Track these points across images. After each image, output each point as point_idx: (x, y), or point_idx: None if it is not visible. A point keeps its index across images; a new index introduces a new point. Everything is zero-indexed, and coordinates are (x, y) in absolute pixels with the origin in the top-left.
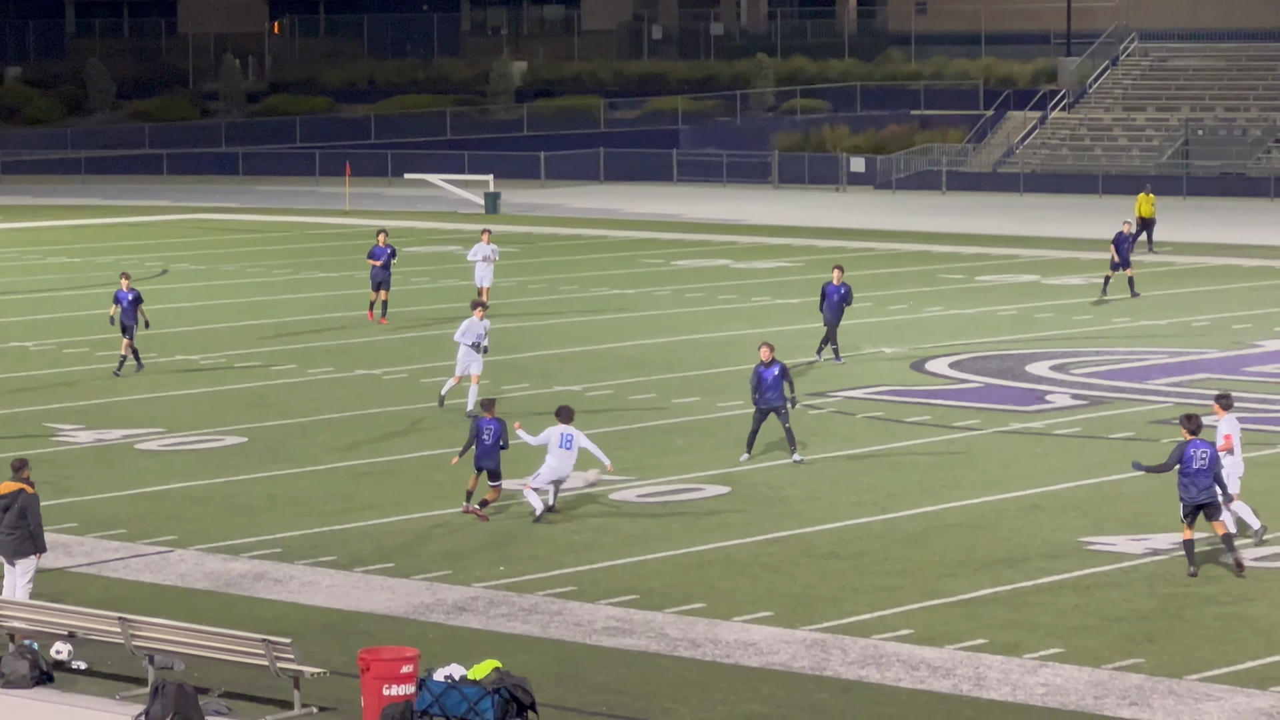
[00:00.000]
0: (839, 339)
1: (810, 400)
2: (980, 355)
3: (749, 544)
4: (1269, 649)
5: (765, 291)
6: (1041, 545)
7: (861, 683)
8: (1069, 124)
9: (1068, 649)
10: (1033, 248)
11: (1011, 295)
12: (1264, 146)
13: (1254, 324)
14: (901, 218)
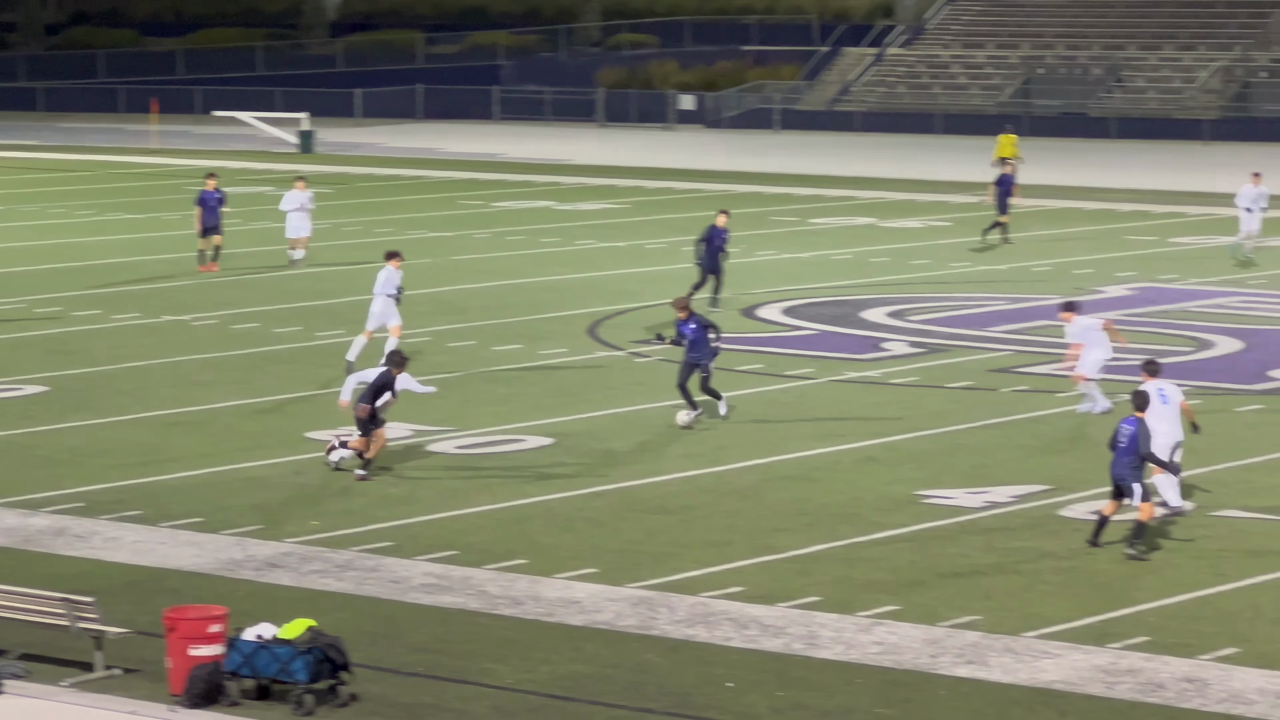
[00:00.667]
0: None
1: (637, 348)
2: (814, 301)
3: (573, 498)
4: (1108, 605)
5: (590, 234)
6: (877, 499)
7: (689, 642)
8: (906, 61)
9: (903, 606)
10: (869, 189)
11: (847, 238)
12: (1105, 86)
13: (1095, 269)
14: (732, 158)
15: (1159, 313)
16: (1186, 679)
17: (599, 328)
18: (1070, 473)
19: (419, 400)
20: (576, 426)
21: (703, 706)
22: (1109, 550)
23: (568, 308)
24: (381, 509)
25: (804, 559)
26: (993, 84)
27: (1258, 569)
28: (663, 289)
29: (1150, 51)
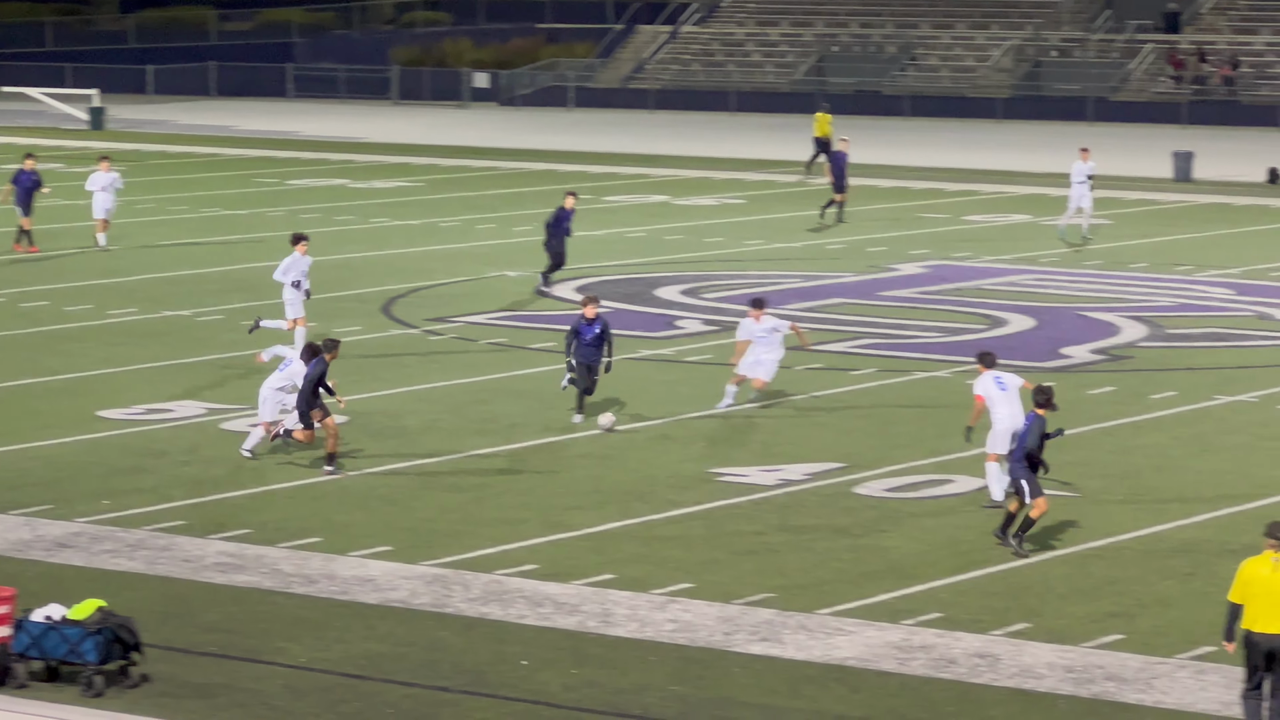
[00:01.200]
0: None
1: (431, 325)
2: (608, 279)
3: (367, 476)
4: (901, 582)
5: (385, 213)
6: (671, 476)
7: (484, 620)
8: (701, 39)
9: (697, 584)
10: (663, 167)
11: (641, 216)
12: (899, 64)
13: (889, 247)
14: (527, 136)
15: (953, 290)
16: (978, 654)
17: (393, 306)
18: (863, 450)
19: (214, 375)
20: (371, 405)
21: (497, 684)
22: (901, 528)
23: (362, 285)
24: (174, 488)
25: (598, 536)
26: (787, 62)
27: (1047, 543)
28: (457, 267)
29: (943, 30)
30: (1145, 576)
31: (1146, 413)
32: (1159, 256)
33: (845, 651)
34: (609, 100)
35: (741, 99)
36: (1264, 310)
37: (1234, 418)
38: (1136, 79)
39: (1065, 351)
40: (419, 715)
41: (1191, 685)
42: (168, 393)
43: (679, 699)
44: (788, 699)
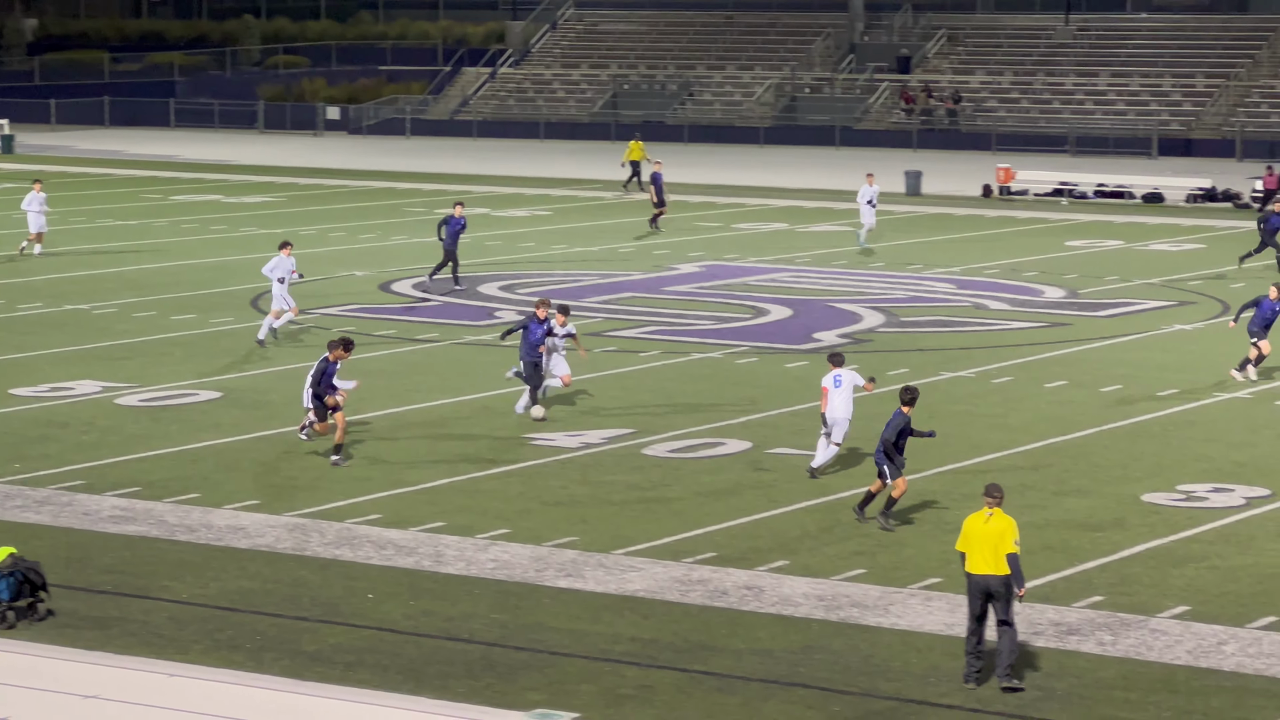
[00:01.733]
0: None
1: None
2: (439, 278)
3: (239, 441)
4: (683, 527)
5: (253, 223)
6: (492, 441)
7: (337, 560)
8: (515, 79)
9: (514, 529)
10: (484, 184)
11: (467, 224)
12: (679, 99)
13: (671, 250)
14: (371, 159)
15: (723, 286)
16: (746, 586)
17: (260, 300)
18: (650, 419)
19: (108, 359)
20: (242, 383)
21: (348, 614)
22: (682, 482)
23: (234, 284)
24: (75, 454)
25: (431, 491)
26: (586, 98)
27: (804, 495)
28: (314, 267)
29: (716, 71)
30: None
31: (885, 387)
32: (894, 257)
33: (636, 585)
34: (439, 130)
35: (549, 128)
36: (980, 301)
37: (956, 390)
38: (875, 111)
39: (817, 336)
40: (283, 640)
41: (921, 610)
42: (69, 374)
43: (499, 625)
44: (589, 624)
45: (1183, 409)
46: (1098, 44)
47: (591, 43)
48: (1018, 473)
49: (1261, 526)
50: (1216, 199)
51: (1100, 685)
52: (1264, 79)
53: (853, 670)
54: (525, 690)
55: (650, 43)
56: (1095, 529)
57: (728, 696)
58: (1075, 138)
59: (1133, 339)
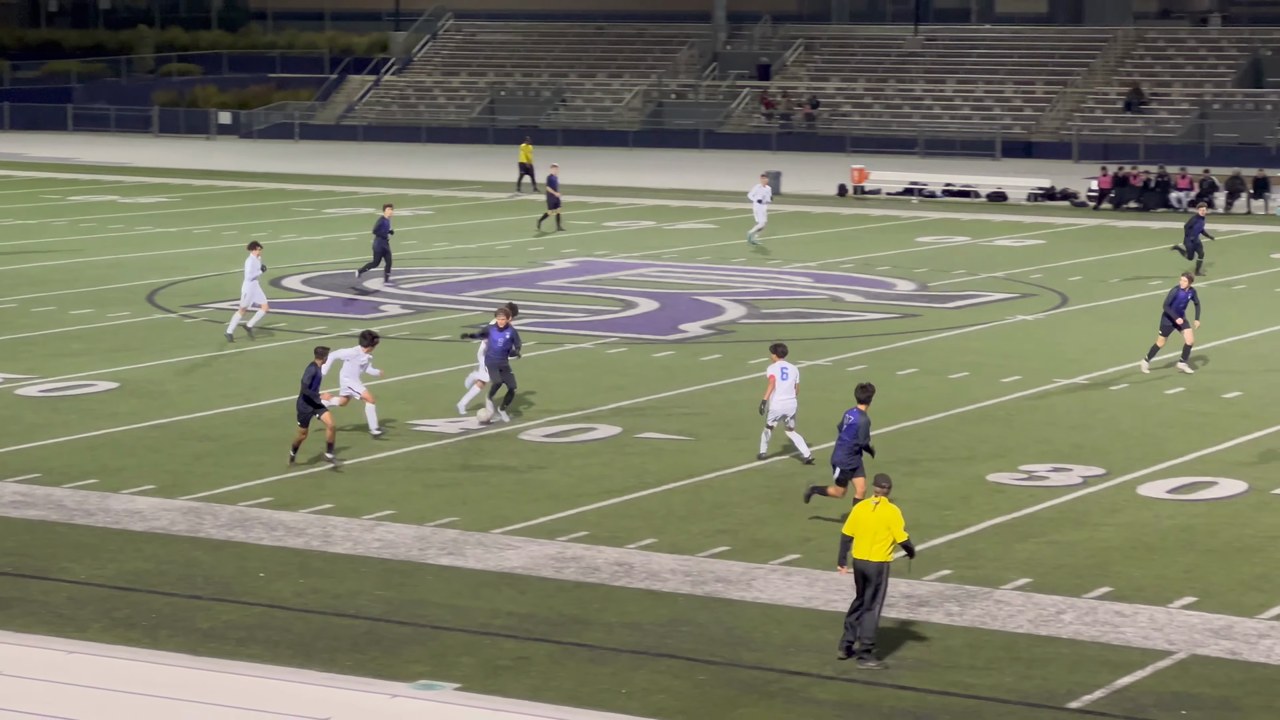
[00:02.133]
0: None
1: (187, 310)
2: (327, 274)
3: (135, 430)
4: (557, 507)
5: (148, 222)
6: (377, 427)
7: (230, 541)
8: (399, 85)
9: (398, 510)
10: (369, 186)
11: (352, 224)
12: (553, 105)
13: (546, 247)
14: (261, 161)
15: (594, 281)
16: (617, 563)
17: (156, 295)
18: (526, 406)
19: (8, 351)
20: (138, 374)
21: (240, 592)
22: (557, 465)
23: (130, 280)
24: None
25: (320, 475)
26: (465, 104)
27: (670, 477)
28: (207, 265)
29: (587, 78)
30: (746, 502)
31: (745, 374)
32: (755, 253)
33: (514, 562)
34: (327, 134)
35: (430, 133)
36: (835, 294)
37: (813, 377)
38: (737, 116)
39: (683, 327)
40: (177, 618)
41: (781, 584)
42: None
43: (385, 601)
44: (470, 600)
45: (1025, 394)
46: (945, 53)
47: (470, 52)
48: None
49: (1097, 503)
50: (1055, 198)
51: (948, 653)
52: (1098, 86)
53: (717, 642)
54: (409, 662)
55: (525, 52)
56: (944, 507)
57: (599, 667)
58: (924, 140)
59: (979, 329)
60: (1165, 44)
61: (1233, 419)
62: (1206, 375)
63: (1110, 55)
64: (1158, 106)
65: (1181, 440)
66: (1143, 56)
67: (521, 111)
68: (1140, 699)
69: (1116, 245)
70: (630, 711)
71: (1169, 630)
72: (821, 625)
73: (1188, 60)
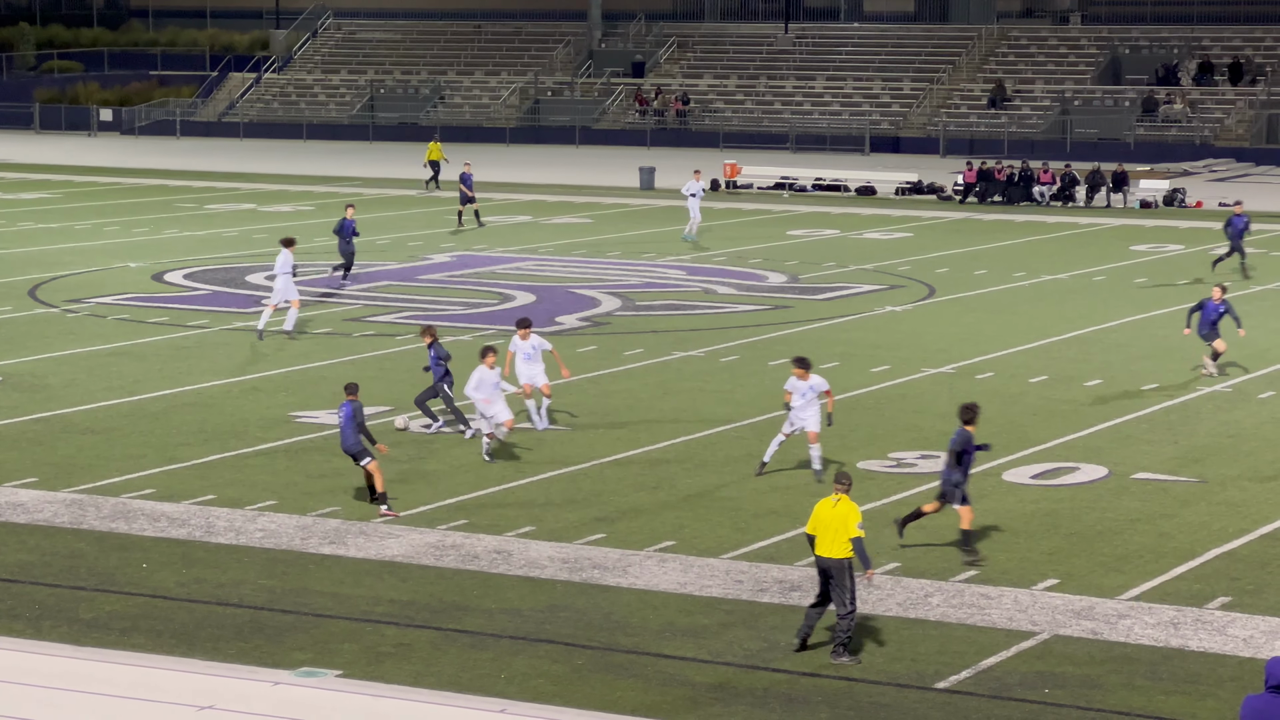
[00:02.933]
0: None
1: (68, 305)
2: (209, 268)
3: (17, 423)
4: (435, 496)
5: (29, 218)
6: (260, 419)
7: (113, 533)
8: (279, 83)
9: (280, 501)
10: (251, 182)
11: (234, 220)
12: (431, 102)
13: (425, 241)
14: (143, 158)
15: (473, 274)
16: (496, 551)
17: (37, 290)
18: (404, 394)
19: None
20: (20, 368)
21: (124, 583)
22: (438, 456)
23: (11, 275)
24: None
25: (203, 467)
26: (345, 101)
27: (549, 466)
28: (89, 259)
29: (465, 76)
30: (622, 490)
31: (621, 365)
32: (630, 246)
33: (395, 551)
34: (208, 131)
35: (311, 129)
36: (708, 286)
37: (687, 368)
38: (612, 112)
39: (559, 320)
40: (61, 609)
41: (657, 570)
42: None
43: (267, 590)
44: (352, 588)
45: (894, 384)
46: (815, 51)
47: (350, 50)
48: (743, 442)
49: None
50: (923, 191)
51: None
52: (963, 83)
53: (594, 627)
54: (292, 650)
55: (404, 50)
56: (815, 494)
57: (480, 652)
58: (795, 136)
59: (848, 320)
60: (1028, 42)
61: (1093, 406)
62: (1068, 364)
63: (975, 53)
64: (1021, 103)
65: (1045, 427)
66: (1006, 54)
67: (401, 109)
68: (1006, 678)
69: (982, 238)
70: (510, 696)
71: (1033, 612)
72: (696, 610)
73: (1049, 58)
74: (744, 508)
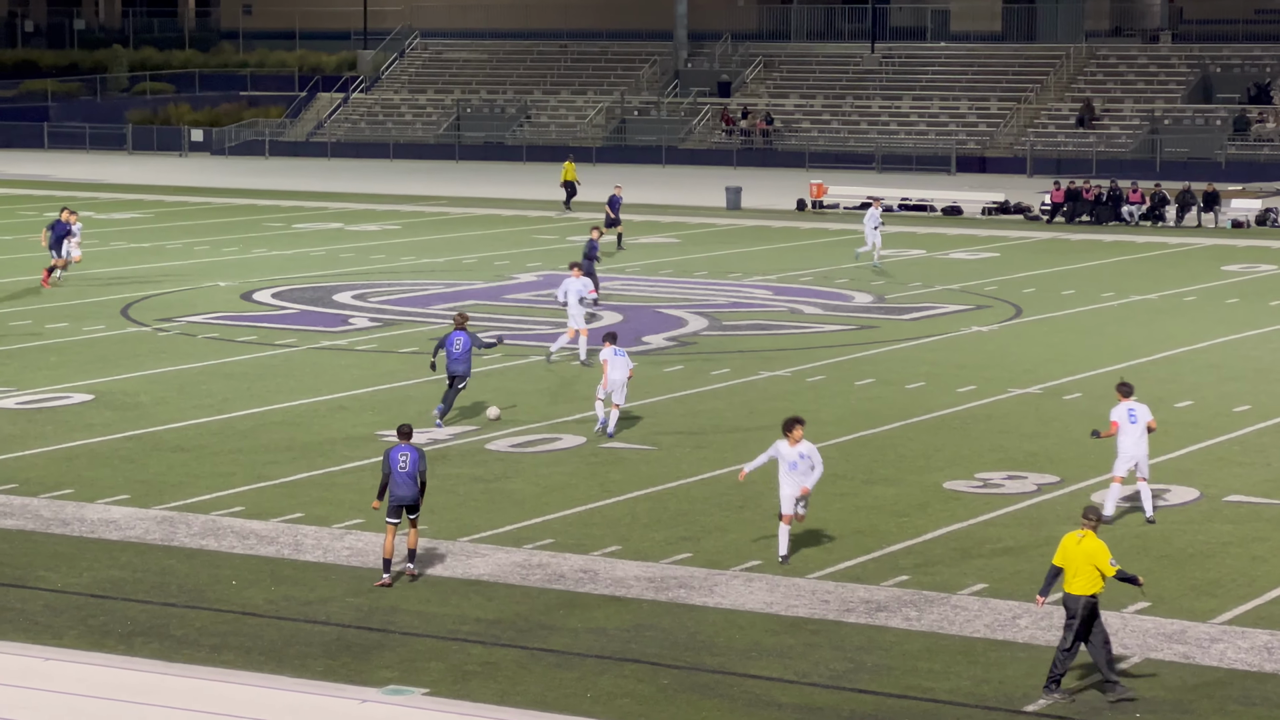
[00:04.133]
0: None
1: (160, 324)
2: (297, 287)
3: (110, 440)
4: (523, 515)
5: (121, 237)
6: (346, 437)
7: (203, 550)
8: (366, 103)
9: (368, 519)
10: (338, 201)
11: (321, 239)
12: (517, 122)
13: (511, 261)
14: (233, 178)
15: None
16: (582, 570)
17: (129, 309)
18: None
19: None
20: (113, 386)
21: (213, 600)
22: (523, 474)
23: (104, 294)
24: None
25: (290, 485)
26: (432, 120)
27: (634, 486)
28: (180, 279)
29: (551, 95)
30: (708, 509)
31: (707, 385)
32: (716, 266)
33: (481, 569)
34: (296, 151)
35: (397, 149)
36: (794, 306)
37: (773, 388)
38: (698, 132)
39: (645, 339)
40: (152, 625)
41: (743, 590)
42: None
43: (354, 608)
44: (439, 606)
45: (980, 404)
46: (901, 70)
47: (436, 70)
48: (830, 463)
49: (1051, 510)
50: (1009, 211)
51: (907, 656)
52: (1051, 102)
53: (680, 646)
54: (378, 668)
55: (491, 69)
56: (901, 514)
57: (565, 672)
58: (881, 156)
59: (934, 340)
60: (1117, 61)
61: (1184, 428)
62: (1158, 385)
63: (1063, 72)
64: (1109, 122)
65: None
66: (1094, 73)
67: (487, 128)
68: (1095, 702)
69: (1070, 258)
70: (595, 715)
71: (1123, 635)
72: (782, 630)
73: (1139, 76)
74: (829, 527)
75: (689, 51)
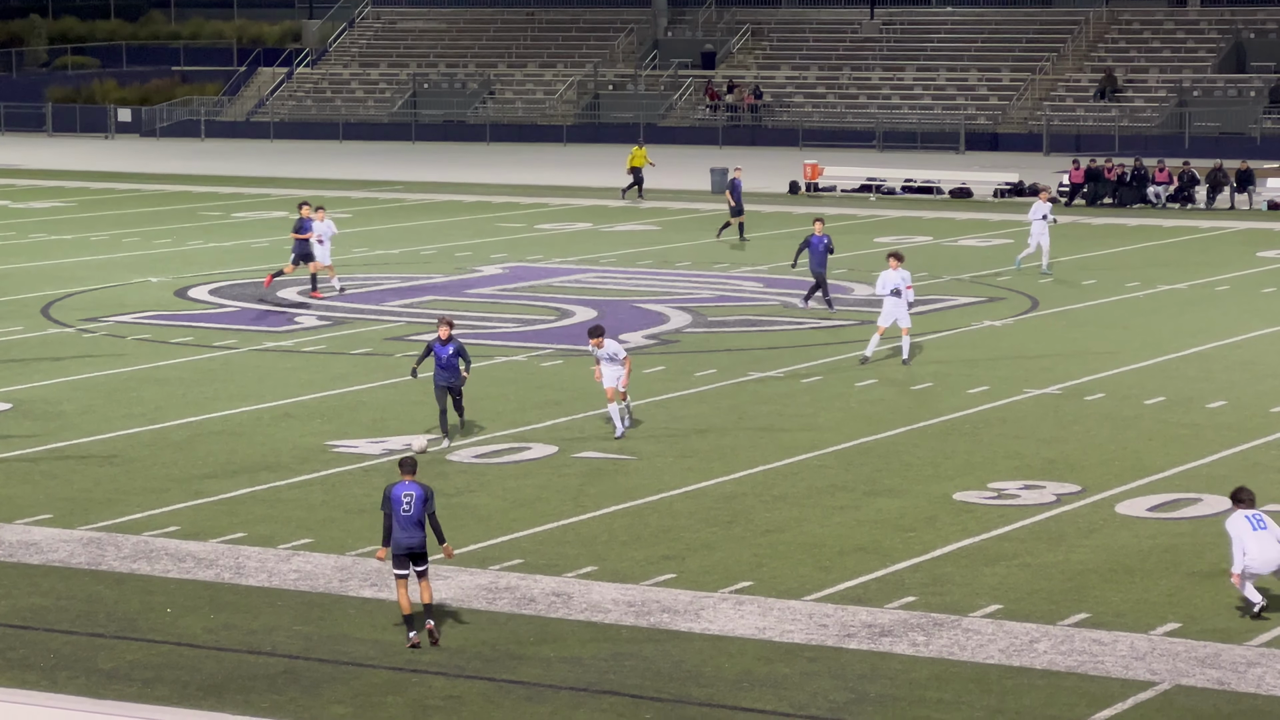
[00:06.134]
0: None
1: (84, 325)
2: (237, 283)
3: (29, 454)
4: (488, 534)
5: (42, 229)
6: (293, 449)
7: (134, 574)
8: (312, 79)
9: (317, 539)
10: (282, 187)
11: (264, 229)
12: (480, 98)
13: (474, 252)
14: (165, 162)
15: (527, 288)
16: (555, 593)
17: (50, 308)
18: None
19: None
20: (33, 393)
21: (146, 630)
22: (488, 488)
23: (23, 291)
24: None
25: (231, 501)
26: (385, 98)
27: (611, 500)
28: (107, 274)
29: (517, 68)
30: (693, 525)
31: (691, 388)
32: (700, 256)
33: (443, 594)
34: (235, 131)
35: (347, 129)
36: (788, 300)
37: (764, 390)
38: (680, 107)
39: (623, 338)
40: (78, 659)
41: (732, 614)
42: None
43: (303, 637)
44: (396, 635)
45: (993, 406)
46: (903, 38)
47: (390, 41)
48: (828, 473)
49: (1072, 523)
50: (1024, 193)
51: (914, 686)
52: (1069, 72)
53: (664, 676)
54: (330, 703)
55: (450, 40)
56: (907, 529)
57: (537, 705)
58: (882, 133)
59: (942, 336)
60: (1140, 26)
61: (1217, 431)
62: (1188, 384)
63: (1082, 39)
64: (1133, 94)
65: (1163, 454)
66: (1116, 40)
67: (447, 105)
68: None
69: (1091, 244)
70: None
71: (1151, 659)
72: (775, 658)
73: (1165, 44)
74: (828, 544)
75: (669, 19)
